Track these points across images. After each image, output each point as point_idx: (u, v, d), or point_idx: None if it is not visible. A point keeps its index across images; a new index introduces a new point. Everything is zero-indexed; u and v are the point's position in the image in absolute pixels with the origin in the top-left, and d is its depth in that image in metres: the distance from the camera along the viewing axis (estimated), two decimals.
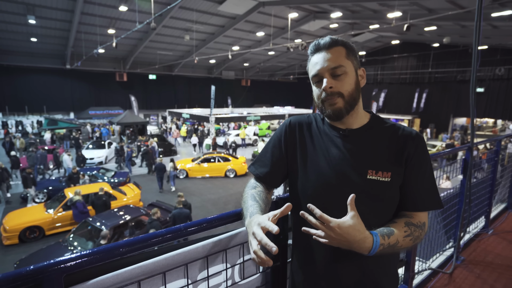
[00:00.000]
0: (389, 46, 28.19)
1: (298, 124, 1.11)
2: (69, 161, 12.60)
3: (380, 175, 0.96)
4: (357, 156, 0.98)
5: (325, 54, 0.98)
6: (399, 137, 1.00)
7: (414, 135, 0.99)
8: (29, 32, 19.12)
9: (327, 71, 0.97)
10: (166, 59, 27.26)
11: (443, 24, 17.08)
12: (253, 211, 0.94)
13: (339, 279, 1.01)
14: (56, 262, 0.72)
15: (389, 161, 0.98)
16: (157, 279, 0.94)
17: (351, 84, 0.98)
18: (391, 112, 28.11)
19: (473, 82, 2.35)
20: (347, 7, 16.95)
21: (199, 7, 17.39)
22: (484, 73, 22.54)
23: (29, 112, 25.14)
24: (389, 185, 0.96)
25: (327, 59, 0.97)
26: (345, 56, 0.98)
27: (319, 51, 1.00)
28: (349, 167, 0.97)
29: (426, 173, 1.00)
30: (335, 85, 0.97)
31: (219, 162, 13.95)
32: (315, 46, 1.01)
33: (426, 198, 0.99)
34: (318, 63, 0.99)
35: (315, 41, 1.02)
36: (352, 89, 0.98)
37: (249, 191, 1.06)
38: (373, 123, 1.05)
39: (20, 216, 8.02)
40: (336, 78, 0.97)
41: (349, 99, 0.98)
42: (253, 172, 1.13)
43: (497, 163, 3.32)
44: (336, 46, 0.99)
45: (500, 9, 12.38)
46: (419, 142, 0.99)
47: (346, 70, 0.97)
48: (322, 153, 1.02)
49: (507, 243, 3.02)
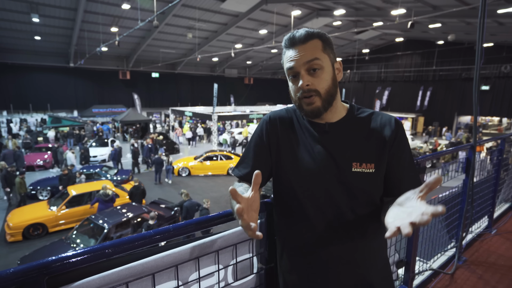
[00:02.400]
0: (393, 44, 27.94)
1: (279, 119, 1.08)
2: (73, 159, 12.67)
3: (364, 167, 0.96)
4: (340, 151, 0.97)
5: (300, 47, 0.95)
6: (378, 125, 1.00)
7: (393, 122, 1.00)
8: (32, 30, 19.19)
9: (303, 66, 0.94)
10: (169, 57, 27.25)
11: (447, 21, 16.89)
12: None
13: (332, 275, 1.00)
14: (38, 264, 0.70)
15: (371, 151, 0.97)
16: (146, 281, 0.92)
17: (328, 80, 0.96)
18: (395, 110, 27.91)
19: (476, 80, 2.30)
20: (350, 4, 16.81)
21: (201, 5, 17.35)
22: (489, 70, 22.27)
23: (33, 110, 25.27)
24: (374, 176, 0.96)
25: (303, 53, 0.94)
26: (322, 49, 0.95)
27: (294, 45, 0.96)
28: (334, 162, 0.96)
29: (407, 158, 1.00)
30: (312, 82, 0.95)
31: (222, 160, 13.95)
32: (289, 40, 0.97)
33: (411, 182, 0.98)
34: (293, 58, 0.95)
35: (289, 34, 0.97)
36: (329, 86, 0.96)
37: (236, 189, 1.02)
38: (352, 114, 1.03)
39: (24, 213, 8.08)
40: (313, 74, 0.95)
41: (326, 96, 0.96)
42: (237, 175, 1.08)
43: (500, 162, 3.27)
44: (312, 39, 0.95)
45: (507, 6, 12.21)
46: (399, 129, 0.99)
47: (322, 64, 0.94)
48: (306, 149, 1.00)
49: (511, 243, 2.97)
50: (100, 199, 7.92)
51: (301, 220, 1.00)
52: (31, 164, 13.32)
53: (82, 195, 8.67)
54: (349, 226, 0.96)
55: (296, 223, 1.01)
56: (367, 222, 0.98)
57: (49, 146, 15.60)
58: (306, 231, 0.99)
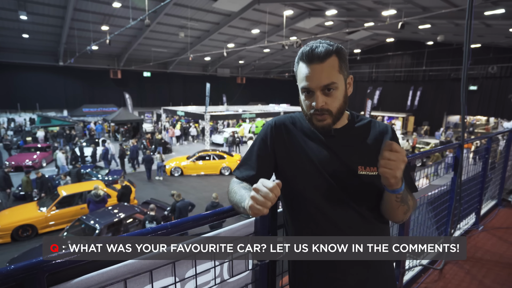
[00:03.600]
0: (384, 44, 28.28)
1: (284, 125, 1.10)
2: (63, 159, 12.48)
3: (368, 170, 1.00)
4: (346, 155, 1.02)
5: (319, 67, 0.94)
6: (377, 132, 1.06)
7: (388, 129, 1.07)
8: (20, 28, 18.80)
9: (319, 88, 0.95)
10: (160, 56, 27.03)
11: (437, 22, 17.18)
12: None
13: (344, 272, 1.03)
14: (38, 261, 0.71)
15: (374, 155, 1.00)
16: (144, 278, 0.93)
17: (340, 99, 0.99)
18: (386, 109, 28.26)
19: (464, 80, 2.37)
20: (342, 5, 16.96)
21: (193, 4, 17.26)
22: (477, 71, 22.75)
23: (22, 109, 24.75)
24: (377, 178, 0.99)
25: (320, 75, 0.94)
26: (338, 69, 0.96)
27: (312, 62, 0.94)
28: (340, 166, 1.01)
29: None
30: (326, 101, 0.96)
31: (214, 160, 13.92)
32: (307, 55, 0.95)
33: (408, 182, 1.04)
34: (310, 77, 0.95)
35: (308, 48, 0.96)
36: (340, 104, 0.99)
37: (237, 185, 1.03)
38: (353, 121, 1.09)
39: (13, 214, 7.93)
40: (327, 94, 0.96)
41: (337, 114, 1.00)
42: (238, 176, 1.10)
43: (487, 160, 3.36)
44: (330, 56, 0.94)
45: (493, 8, 12.48)
46: (394, 135, 1.06)
47: (337, 85, 0.96)
48: (313, 153, 1.03)
49: (497, 239, 3.06)
50: (91, 200, 7.83)
51: (309, 222, 1.03)
52: (19, 165, 13.05)
53: (73, 195, 8.55)
54: (356, 227, 1.00)
55: (304, 227, 1.05)
56: (372, 223, 1.02)
57: (38, 146, 15.31)
58: (314, 233, 1.02)
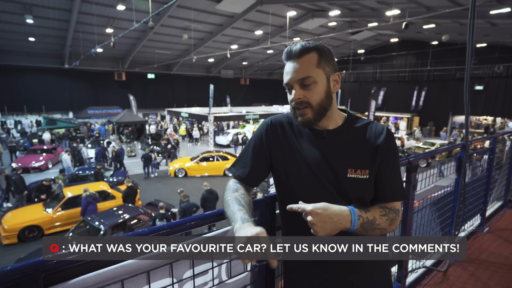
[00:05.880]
0: (388, 44, 28.13)
1: (280, 124, 1.11)
2: (68, 161, 12.58)
3: (359, 173, 0.99)
4: (336, 156, 1.01)
5: (295, 63, 0.99)
6: (372, 134, 1.04)
7: (386, 131, 1.04)
8: (26, 31, 19.03)
9: (296, 82, 0.99)
10: (164, 58, 27.18)
11: (441, 22, 17.05)
12: (244, 217, 0.90)
13: (336, 270, 1.03)
14: (34, 262, 0.71)
15: (366, 158, 1.01)
16: (141, 279, 0.93)
17: (321, 93, 1.00)
18: (390, 110, 28.09)
19: (467, 80, 2.35)
20: (345, 5, 16.91)
21: (197, 6, 17.33)
22: (483, 70, 22.50)
23: (28, 111, 25.04)
24: (367, 182, 1.00)
25: (296, 70, 0.99)
26: (316, 64, 0.98)
27: (290, 59, 1.01)
28: (330, 167, 1.00)
29: (395, 166, 1.04)
30: (304, 95, 0.99)
31: (218, 161, 13.94)
32: (286, 54, 1.02)
33: (397, 189, 1.04)
34: (288, 73, 1.01)
35: (287, 48, 1.02)
36: (321, 99, 1.00)
37: (231, 195, 1.03)
38: (348, 123, 1.07)
39: (19, 215, 8.02)
40: (305, 87, 0.99)
41: (318, 108, 1.00)
42: (234, 174, 1.12)
43: (492, 161, 3.31)
44: (308, 53, 0.98)
45: (499, 7, 12.36)
46: (390, 138, 1.03)
47: (315, 79, 0.98)
48: (305, 153, 1.04)
49: (502, 241, 3.02)
50: (91, 200, 7.90)
51: (304, 222, 1.03)
52: (26, 166, 13.20)
53: (78, 196, 8.61)
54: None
55: (298, 228, 1.05)
56: None
57: (44, 148, 15.47)
58: (306, 233, 1.01)
